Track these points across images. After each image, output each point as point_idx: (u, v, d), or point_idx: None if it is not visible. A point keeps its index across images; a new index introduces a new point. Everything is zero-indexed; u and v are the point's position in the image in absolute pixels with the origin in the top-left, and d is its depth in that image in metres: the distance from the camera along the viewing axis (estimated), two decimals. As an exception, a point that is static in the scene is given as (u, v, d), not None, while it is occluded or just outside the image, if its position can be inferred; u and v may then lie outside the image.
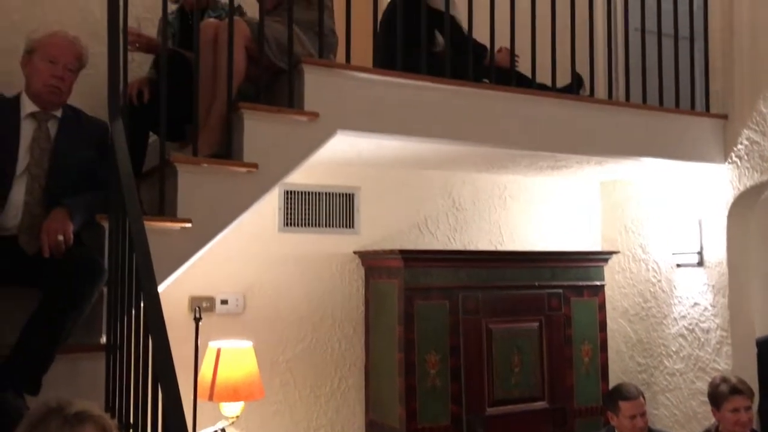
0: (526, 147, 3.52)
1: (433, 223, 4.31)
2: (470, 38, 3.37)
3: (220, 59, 2.87)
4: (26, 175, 2.50)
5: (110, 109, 2.54)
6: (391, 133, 3.16)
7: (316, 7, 3.02)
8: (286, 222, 3.90)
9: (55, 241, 2.33)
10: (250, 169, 2.79)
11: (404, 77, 3.14)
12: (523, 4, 3.52)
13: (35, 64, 2.59)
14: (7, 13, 3.33)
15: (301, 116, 2.91)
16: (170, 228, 2.62)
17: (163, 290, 2.45)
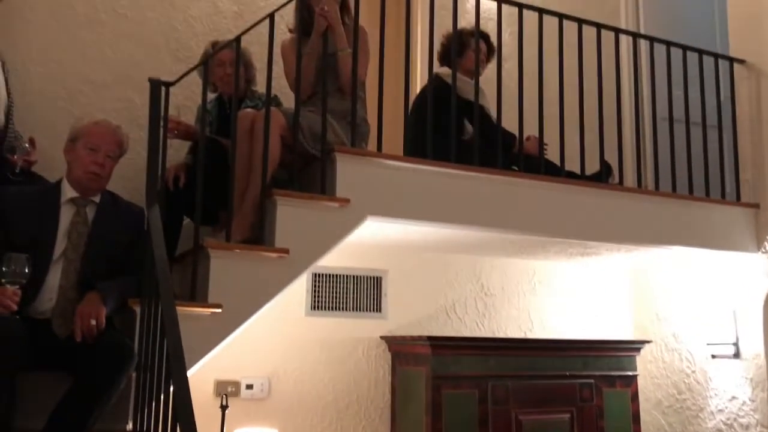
0: (555, 235, 3.51)
1: (461, 308, 4.28)
2: (499, 127, 3.43)
3: (256, 147, 2.95)
4: (63, 260, 2.55)
5: (148, 196, 2.60)
6: (421, 219, 3.18)
7: (349, 97, 3.11)
8: (314, 305, 3.90)
9: (88, 326, 2.35)
10: (281, 254, 2.81)
11: (434, 165, 3.18)
12: (551, 94, 3.59)
13: (77, 152, 2.67)
14: (53, 100, 3.47)
15: (332, 202, 2.95)
16: (201, 313, 2.63)
17: (190, 375, 2.43)
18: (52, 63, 3.50)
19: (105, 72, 3.60)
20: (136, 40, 3.69)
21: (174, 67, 3.73)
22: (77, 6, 3.58)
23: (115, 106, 3.59)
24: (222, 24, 3.92)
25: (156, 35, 3.75)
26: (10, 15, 3.36)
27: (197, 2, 3.87)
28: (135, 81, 3.65)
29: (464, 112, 3.47)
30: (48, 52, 3.49)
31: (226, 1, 3.95)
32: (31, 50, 3.45)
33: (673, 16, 5.03)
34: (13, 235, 2.47)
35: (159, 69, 3.68)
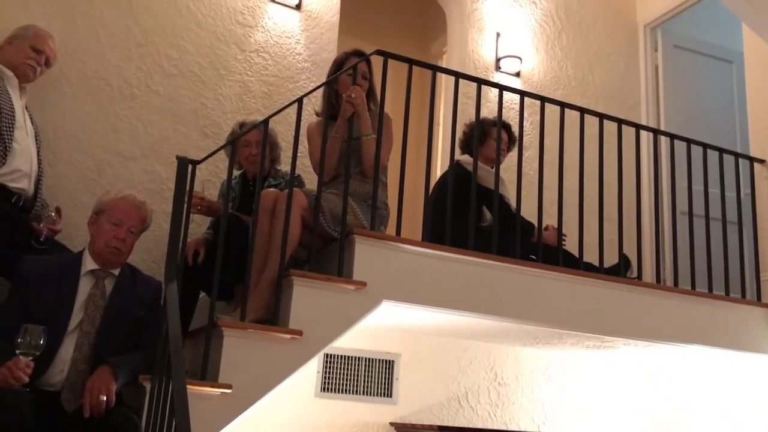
0: (572, 328, 3.47)
1: (473, 397, 4.19)
2: (518, 216, 3.45)
3: (277, 226, 2.98)
4: (77, 331, 2.55)
5: (167, 272, 2.62)
6: (437, 306, 3.16)
7: (371, 181, 3.15)
8: (324, 387, 3.84)
9: (97, 401, 2.33)
10: (294, 336, 2.80)
11: (452, 252, 3.18)
12: (571, 183, 3.62)
13: (101, 225, 2.71)
14: (81, 171, 3.55)
15: (349, 285, 2.94)
16: (211, 393, 2.59)
17: (196, 457, 2.39)
18: (83, 134, 3.59)
19: (133, 145, 3.69)
20: (166, 116, 3.79)
21: (201, 142, 3.82)
22: (112, 80, 3.70)
23: (141, 179, 3.66)
24: (251, 104, 4.02)
25: (186, 112, 3.85)
26: (46, 87, 3.48)
27: (228, 82, 3.99)
28: (162, 155, 3.73)
29: (484, 200, 3.50)
30: (80, 124, 3.59)
31: (255, 82, 4.07)
32: (64, 121, 3.55)
33: (693, 113, 5.11)
34: (31, 303, 2.49)
35: (187, 144, 3.78)
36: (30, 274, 2.58)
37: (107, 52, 3.72)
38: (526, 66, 4.99)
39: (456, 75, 3.45)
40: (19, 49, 3.16)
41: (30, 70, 3.16)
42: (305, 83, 4.16)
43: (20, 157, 2.99)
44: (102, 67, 3.70)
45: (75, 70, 3.63)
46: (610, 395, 4.55)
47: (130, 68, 3.76)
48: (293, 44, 4.24)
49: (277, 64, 4.16)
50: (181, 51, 3.91)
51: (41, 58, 3.20)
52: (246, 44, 4.09)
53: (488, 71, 4.86)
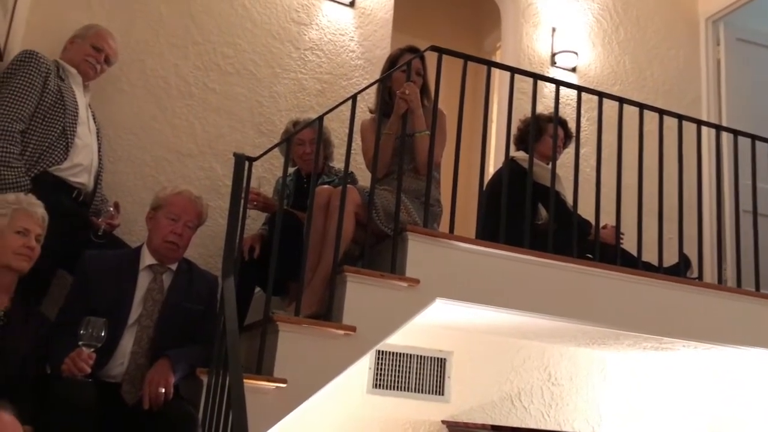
0: (629, 328, 3.38)
1: (526, 397, 4.14)
2: (575, 213, 3.38)
3: (330, 223, 2.99)
4: (137, 326, 2.60)
5: (224, 267, 2.65)
6: (490, 304, 3.12)
7: (424, 178, 3.13)
8: (376, 383, 3.84)
9: (156, 394, 2.38)
10: (348, 332, 2.80)
11: (506, 249, 3.14)
12: (630, 181, 3.54)
13: (158, 220, 2.76)
14: (140, 167, 3.62)
15: (402, 282, 2.93)
16: (266, 387, 2.62)
17: (250, 450, 2.41)
18: (141, 132, 3.66)
19: (190, 142, 3.75)
20: (222, 113, 3.85)
21: (257, 139, 3.86)
22: (170, 79, 3.77)
23: (198, 175, 3.72)
24: (305, 101, 4.05)
25: (242, 109, 3.90)
26: (107, 85, 3.56)
27: (282, 79, 4.03)
28: (218, 152, 3.78)
29: (539, 197, 3.45)
30: (138, 121, 3.67)
31: (310, 80, 4.09)
32: (124, 119, 3.64)
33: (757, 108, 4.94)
34: (93, 297, 2.55)
35: (242, 141, 3.82)
36: (91, 269, 2.64)
37: (165, 50, 3.80)
38: (582, 61, 4.90)
39: (511, 70, 3.40)
40: (80, 47, 3.24)
41: (90, 68, 3.24)
42: (359, 80, 4.17)
43: (82, 153, 3.06)
44: (160, 65, 3.77)
45: (134, 69, 3.71)
46: (668, 397, 4.44)
47: (188, 66, 3.83)
48: (347, 41, 4.25)
49: (331, 62, 4.18)
50: (237, 49, 3.96)
51: (101, 56, 3.27)
52: (300, 42, 4.12)
53: (543, 67, 4.79)
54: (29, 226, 2.36)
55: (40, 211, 2.43)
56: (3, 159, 2.73)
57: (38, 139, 2.88)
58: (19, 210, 2.36)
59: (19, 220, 2.34)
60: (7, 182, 2.69)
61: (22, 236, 2.33)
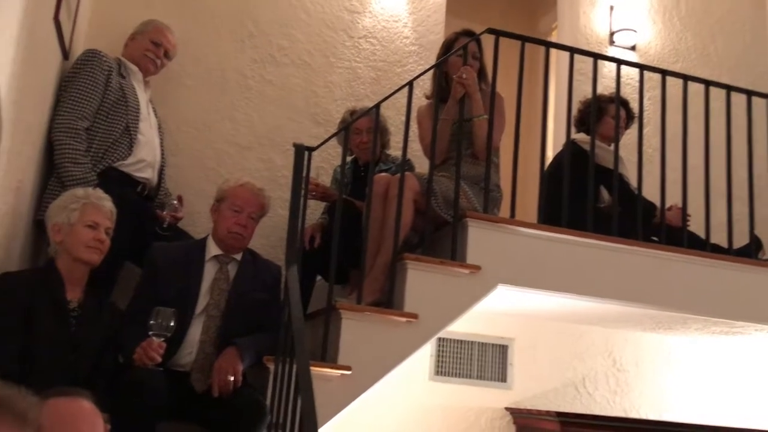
0: (698, 312, 3.30)
1: (591, 383, 4.07)
2: (639, 195, 3.30)
3: (389, 211, 2.99)
4: (204, 315, 2.65)
5: (287, 256, 2.68)
6: (554, 290, 3.08)
7: (483, 163, 3.10)
8: (438, 370, 3.84)
9: (225, 382, 2.42)
10: (410, 319, 2.80)
11: (569, 234, 3.09)
12: (695, 160, 3.43)
13: (222, 212, 2.81)
14: (201, 160, 3.69)
15: (463, 269, 2.92)
16: (331, 374, 2.65)
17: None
18: (202, 125, 3.72)
19: (249, 134, 3.79)
20: (279, 105, 3.88)
21: (313, 130, 3.88)
22: (228, 72, 3.82)
23: (258, 167, 3.76)
24: (360, 90, 4.05)
25: (298, 100, 3.92)
26: (168, 80, 3.63)
27: (337, 69, 4.03)
28: (276, 143, 3.81)
29: (601, 180, 3.37)
30: (199, 115, 3.73)
31: (364, 68, 4.09)
32: (185, 113, 3.70)
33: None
34: (161, 288, 2.61)
35: (299, 132, 3.84)
36: (158, 261, 2.70)
37: (223, 44, 3.84)
38: (641, 39, 4.76)
39: (571, 50, 3.33)
40: (140, 43, 3.30)
41: (150, 63, 3.29)
42: (413, 67, 4.14)
43: (145, 148, 3.12)
44: (218, 59, 3.82)
45: (193, 64, 3.76)
46: (738, 383, 4.31)
47: (245, 59, 3.87)
48: (400, 28, 4.22)
49: (385, 49, 4.16)
50: (292, 40, 3.98)
51: (160, 51, 3.32)
52: (354, 30, 4.12)
53: (601, 46, 4.67)
54: (99, 219, 2.42)
55: (108, 205, 2.49)
56: (70, 156, 2.81)
57: (103, 136, 2.95)
58: (88, 204, 2.43)
59: (89, 214, 2.41)
60: (74, 178, 2.77)
61: (92, 230, 2.40)
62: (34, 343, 2.20)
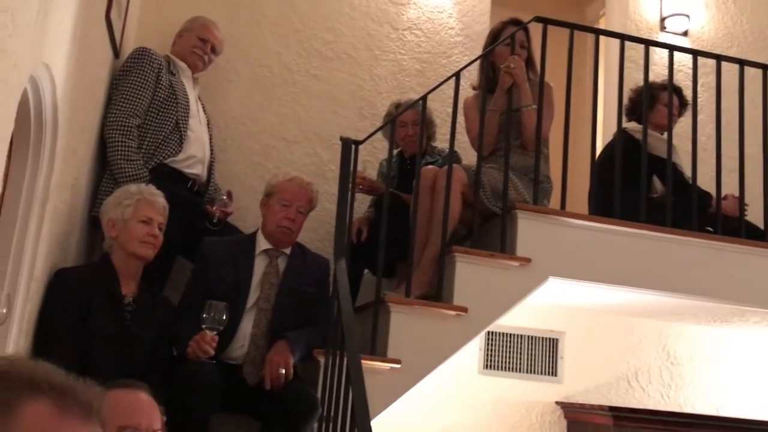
0: (757, 305, 3.20)
1: (644, 377, 3.99)
2: (694, 185, 3.21)
3: (437, 204, 2.97)
4: (255, 309, 2.67)
5: (336, 249, 2.69)
6: (606, 282, 3.02)
7: (532, 154, 3.05)
8: (486, 364, 3.81)
9: (277, 375, 2.44)
10: (459, 312, 2.78)
11: (622, 225, 3.03)
12: (753, 149, 3.32)
13: (271, 206, 2.82)
14: (249, 155, 3.72)
15: (513, 261, 2.88)
16: (381, 368, 2.64)
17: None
18: (249, 121, 3.75)
19: (296, 129, 3.81)
20: (324, 99, 3.88)
21: (359, 123, 3.87)
22: (274, 67, 3.84)
23: (304, 161, 3.77)
24: (405, 82, 4.02)
25: (343, 94, 3.92)
26: (215, 77, 3.66)
27: (382, 61, 4.02)
28: (322, 137, 3.82)
29: (654, 169, 3.29)
30: (246, 110, 3.76)
31: (409, 60, 4.07)
32: (232, 109, 3.73)
33: None
34: (213, 282, 2.64)
35: (344, 126, 3.84)
36: (210, 255, 2.73)
37: (268, 39, 3.86)
38: (694, 24, 4.63)
39: (621, 37, 3.26)
40: (187, 40, 3.33)
41: (198, 60, 3.33)
42: (458, 58, 4.10)
43: (194, 145, 3.16)
44: (264, 54, 3.84)
45: (240, 60, 3.79)
46: (800, 378, 4.17)
47: (290, 54, 3.88)
48: (445, 18, 4.19)
49: (430, 40, 4.13)
50: (337, 34, 3.98)
51: (207, 47, 3.36)
52: (398, 22, 4.10)
53: (652, 32, 4.55)
54: (152, 215, 2.46)
55: (161, 201, 2.53)
56: (122, 153, 2.86)
57: (154, 133, 3.00)
58: (142, 200, 2.47)
59: (142, 210, 2.45)
60: (127, 175, 2.82)
61: (146, 225, 2.44)
62: (91, 337, 2.25)
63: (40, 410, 0.78)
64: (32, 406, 0.78)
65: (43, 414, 0.78)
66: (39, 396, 0.79)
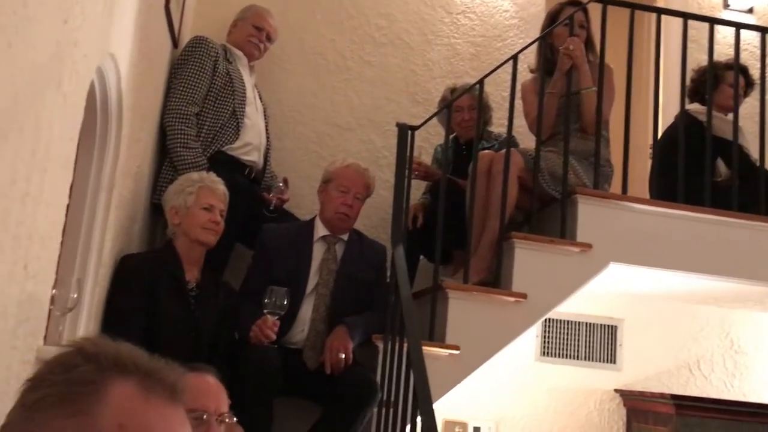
0: (830, 290, 3.08)
1: (706, 365, 3.89)
2: (761, 168, 3.10)
3: (494, 189, 2.94)
4: (314, 294, 2.70)
5: (393, 235, 2.68)
6: (668, 267, 2.95)
7: (592, 137, 2.99)
8: (544, 351, 3.77)
9: (337, 359, 2.46)
10: (518, 298, 2.76)
11: (685, 209, 2.95)
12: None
13: (329, 193, 2.83)
14: (304, 143, 3.74)
15: (573, 247, 2.84)
16: (439, 353, 2.64)
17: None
18: (304, 108, 3.77)
19: (350, 116, 3.81)
20: (378, 85, 3.87)
21: (412, 109, 3.85)
22: (328, 55, 3.85)
23: (359, 148, 3.77)
24: (459, 66, 3.98)
25: (397, 80, 3.90)
26: (271, 65, 3.69)
27: (435, 46, 3.98)
28: (376, 124, 3.82)
29: (719, 152, 3.19)
30: (301, 98, 3.77)
31: (463, 44, 4.02)
32: (288, 96, 3.75)
33: None
34: (273, 268, 2.67)
35: (398, 112, 3.83)
36: (269, 242, 2.76)
37: (322, 27, 3.86)
38: (759, 1, 4.46)
39: (684, 16, 3.16)
40: (242, 29, 3.36)
41: (254, 48, 3.35)
42: (513, 41, 4.04)
43: (251, 132, 3.19)
44: (318, 42, 3.85)
45: (294, 48, 3.81)
46: None
47: (344, 41, 3.88)
48: (500, 1, 4.12)
49: (484, 24, 4.07)
50: (390, 19, 3.95)
51: (262, 35, 3.38)
52: (452, 6, 4.05)
53: (714, 10, 4.40)
54: (213, 202, 2.50)
55: (222, 188, 2.56)
56: (181, 141, 2.90)
57: (211, 121, 3.03)
58: (203, 187, 2.50)
59: (204, 197, 2.48)
60: (186, 162, 2.86)
61: (208, 212, 2.47)
62: (157, 321, 2.30)
63: (127, 391, 0.78)
64: (119, 387, 0.78)
65: (130, 395, 0.78)
66: (125, 377, 0.79)
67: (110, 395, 0.77)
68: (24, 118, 1.38)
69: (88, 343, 0.84)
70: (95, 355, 0.80)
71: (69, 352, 0.81)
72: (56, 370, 0.79)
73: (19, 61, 1.30)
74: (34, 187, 1.48)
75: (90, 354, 0.81)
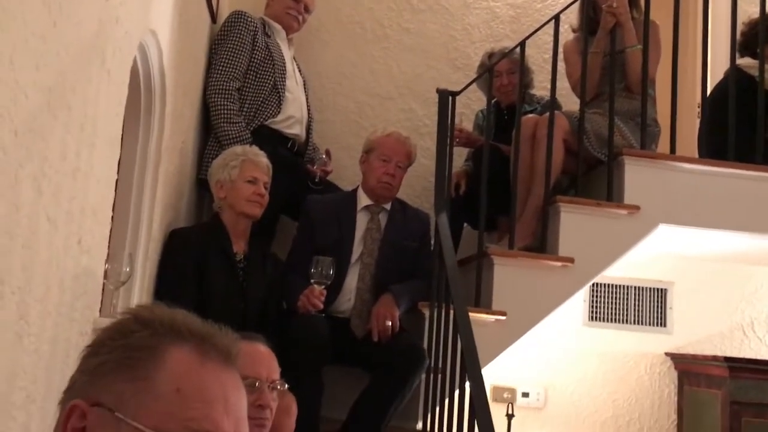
0: None
1: (761, 327, 3.81)
2: (817, 123, 2.99)
3: (538, 153, 2.90)
4: (359, 263, 2.72)
5: (436, 203, 2.68)
6: (720, 228, 2.89)
7: (638, 96, 2.92)
8: (592, 316, 3.73)
9: (383, 327, 2.48)
10: (565, 263, 2.73)
11: (736, 167, 2.87)
12: None
13: (371, 163, 2.83)
14: (344, 114, 3.74)
15: (620, 210, 2.79)
16: (486, 320, 2.64)
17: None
18: (343, 78, 3.76)
19: (389, 85, 3.79)
20: (417, 52, 3.84)
21: (452, 75, 3.80)
22: (366, 23, 3.82)
23: (399, 117, 3.76)
24: (499, 29, 3.91)
25: (436, 46, 3.86)
26: (309, 37, 3.68)
27: (474, 10, 3.92)
28: (416, 92, 3.79)
29: (771, 107, 3.08)
30: (340, 69, 3.77)
31: (502, 6, 3.95)
32: (327, 68, 3.75)
33: None
34: (318, 239, 2.69)
35: (438, 79, 3.78)
36: (313, 213, 2.78)
37: (358, -5, 3.84)
38: (813, -52, 4.25)
39: (734, -34, 3.04)
40: (280, 2, 3.33)
41: (293, 20, 3.34)
42: (553, 1, 3.95)
43: (292, 105, 3.19)
44: (356, 11, 3.82)
45: (331, 18, 3.79)
46: None
47: (381, 9, 3.84)
48: (539, -39, 4.03)
49: (524, -15, 3.99)
50: (428, -16, 3.90)
51: (300, 6, 3.36)
52: (490, -31, 3.98)
53: (765, -40, 4.23)
54: (257, 174, 2.52)
55: (265, 161, 2.58)
56: (225, 115, 2.93)
57: (253, 95, 3.05)
58: (247, 161, 2.53)
59: (248, 170, 2.51)
60: (231, 136, 2.89)
61: (252, 184, 2.50)
62: (208, 293, 2.35)
63: (183, 356, 0.80)
64: (176, 352, 0.80)
65: (186, 360, 0.80)
66: (181, 342, 0.81)
67: (167, 360, 0.79)
68: (71, 95, 1.41)
69: (144, 310, 0.86)
70: (151, 321, 0.82)
71: (125, 319, 0.84)
72: (114, 336, 0.82)
73: (64, 39, 1.33)
74: (84, 162, 1.52)
75: (146, 320, 0.83)
